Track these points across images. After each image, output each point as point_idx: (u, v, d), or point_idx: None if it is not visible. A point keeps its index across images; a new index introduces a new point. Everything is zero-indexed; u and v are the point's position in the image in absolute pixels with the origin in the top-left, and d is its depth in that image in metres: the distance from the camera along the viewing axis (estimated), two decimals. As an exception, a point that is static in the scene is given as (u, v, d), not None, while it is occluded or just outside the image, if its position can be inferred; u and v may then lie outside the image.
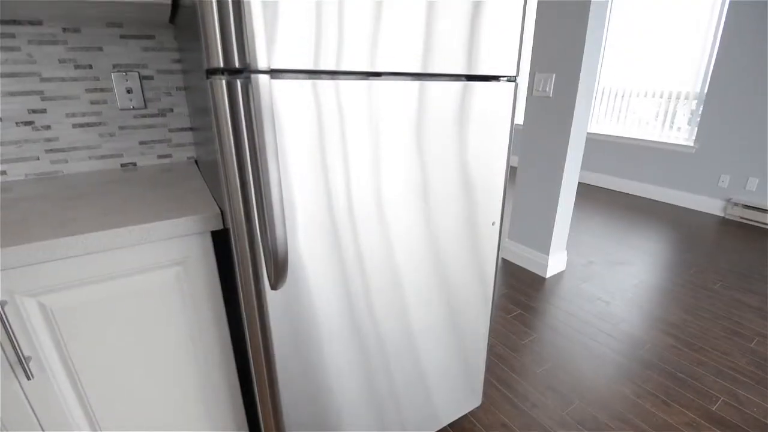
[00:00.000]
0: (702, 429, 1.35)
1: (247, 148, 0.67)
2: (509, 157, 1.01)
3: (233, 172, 0.68)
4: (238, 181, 0.68)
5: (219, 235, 0.87)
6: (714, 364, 1.66)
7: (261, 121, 0.59)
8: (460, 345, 1.18)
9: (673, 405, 1.45)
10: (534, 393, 1.51)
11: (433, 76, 0.82)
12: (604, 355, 1.71)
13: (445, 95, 0.84)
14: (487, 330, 1.23)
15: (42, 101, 1.08)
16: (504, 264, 2.59)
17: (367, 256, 0.88)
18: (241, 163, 0.67)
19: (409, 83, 0.79)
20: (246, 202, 0.70)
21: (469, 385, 1.29)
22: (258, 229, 0.72)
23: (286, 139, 0.69)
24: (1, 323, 0.67)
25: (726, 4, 3.23)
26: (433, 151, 0.88)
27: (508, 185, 1.33)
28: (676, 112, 3.75)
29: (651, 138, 3.93)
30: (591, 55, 1.97)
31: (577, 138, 2.13)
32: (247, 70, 0.61)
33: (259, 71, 0.57)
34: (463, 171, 0.94)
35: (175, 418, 0.93)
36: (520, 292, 2.24)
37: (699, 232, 3.14)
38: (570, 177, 2.22)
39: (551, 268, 2.40)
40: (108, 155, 1.20)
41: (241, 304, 0.80)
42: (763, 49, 3.07)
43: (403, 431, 1.18)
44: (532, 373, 1.61)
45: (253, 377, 0.88)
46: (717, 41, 3.34)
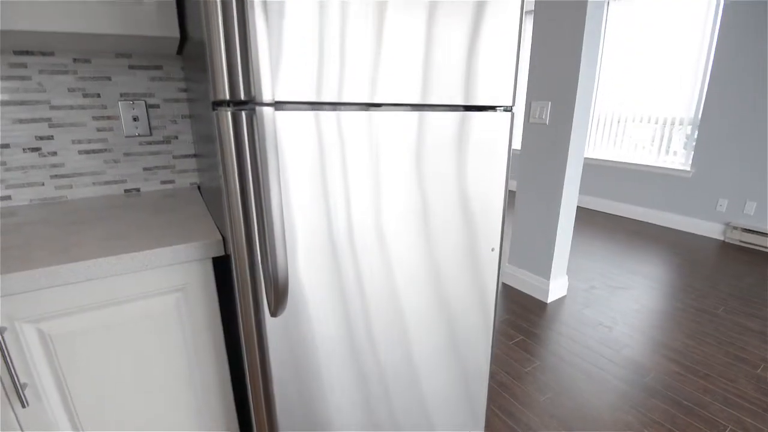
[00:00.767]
0: (710, 460, 1.32)
1: (250, 175, 0.68)
2: (507, 183, 1.03)
3: (236, 198, 0.69)
4: (240, 208, 0.70)
5: (219, 260, 0.88)
6: (720, 391, 1.63)
7: (265, 151, 0.60)
8: (461, 372, 1.16)
9: (680, 435, 1.42)
10: (537, 422, 1.47)
11: (432, 106, 0.85)
12: (607, 383, 1.68)
13: (444, 124, 0.87)
14: (489, 356, 1.21)
15: (50, 128, 1.11)
16: (505, 289, 2.57)
17: (368, 282, 0.88)
18: (244, 190, 0.69)
19: (409, 113, 0.81)
20: (248, 228, 0.71)
21: (471, 414, 1.26)
22: (259, 256, 0.73)
23: (288, 167, 0.71)
24: (0, 350, 0.67)
25: (716, 30, 3.34)
26: (433, 178, 0.89)
27: (507, 210, 1.34)
28: (671, 137, 3.81)
29: (648, 162, 3.98)
30: (585, 83, 2.03)
31: (575, 163, 2.16)
32: (252, 102, 0.63)
33: (264, 104, 0.59)
34: (463, 197, 0.96)
35: (170, 448, 0.91)
36: (521, 317, 2.22)
37: (699, 256, 3.14)
38: (569, 201, 2.24)
39: (552, 293, 2.38)
40: (112, 181, 1.21)
41: (241, 331, 0.80)
42: (755, 76, 3.15)
43: (404, 462, 1.15)
44: (535, 402, 1.57)
45: (251, 404, 0.86)
46: (709, 68, 3.43)
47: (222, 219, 0.78)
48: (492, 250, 1.06)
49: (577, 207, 4.63)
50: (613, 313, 2.25)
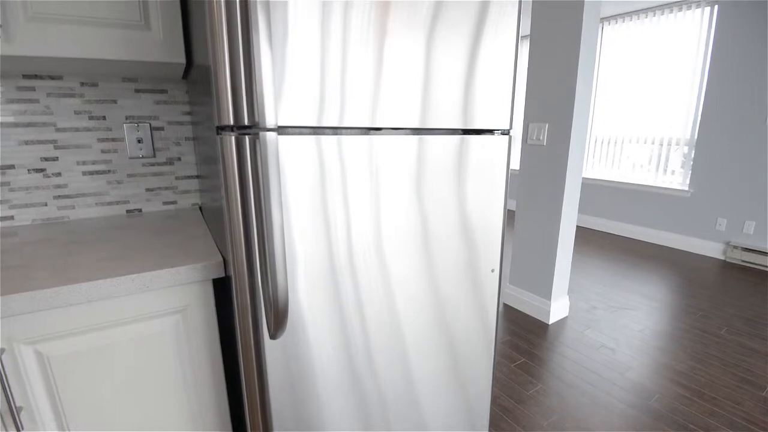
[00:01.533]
0: (719, 488, 1.28)
1: (252, 197, 0.69)
2: (506, 204, 1.04)
3: (238, 220, 0.70)
4: (242, 229, 0.70)
5: (219, 281, 0.88)
6: (727, 414, 1.60)
7: (267, 174, 0.61)
8: (462, 395, 1.14)
9: (687, 461, 1.38)
10: (541, 447, 1.44)
11: (431, 130, 0.86)
12: (612, 406, 1.65)
13: (443, 147, 0.88)
14: (491, 379, 1.20)
15: (55, 149, 1.12)
16: (506, 310, 2.55)
17: (367, 304, 0.88)
18: (246, 212, 0.70)
19: (409, 137, 0.83)
20: (249, 249, 0.72)
21: (473, 439, 1.23)
22: (259, 278, 0.73)
23: (289, 190, 0.72)
24: (-4, 373, 0.66)
25: (709, 51, 3.41)
26: (432, 200, 0.90)
27: (506, 230, 1.35)
28: (669, 157, 3.85)
29: (646, 182, 4.01)
30: (582, 105, 2.06)
31: (573, 183, 2.18)
32: (256, 127, 0.64)
33: (267, 129, 0.60)
34: (462, 218, 0.97)
35: (165, 475, 0.89)
36: (523, 339, 2.19)
37: (701, 275, 3.13)
38: (568, 221, 2.24)
39: (554, 313, 2.36)
40: (114, 202, 1.22)
41: (239, 352, 0.79)
42: (749, 96, 3.21)
43: (404, 490, 1.11)
44: (538, 426, 1.54)
45: (248, 427, 0.85)
46: (703, 89, 3.50)
47: (223, 240, 0.78)
48: (492, 271, 1.06)
49: (576, 227, 4.63)
50: (616, 335, 2.22)
